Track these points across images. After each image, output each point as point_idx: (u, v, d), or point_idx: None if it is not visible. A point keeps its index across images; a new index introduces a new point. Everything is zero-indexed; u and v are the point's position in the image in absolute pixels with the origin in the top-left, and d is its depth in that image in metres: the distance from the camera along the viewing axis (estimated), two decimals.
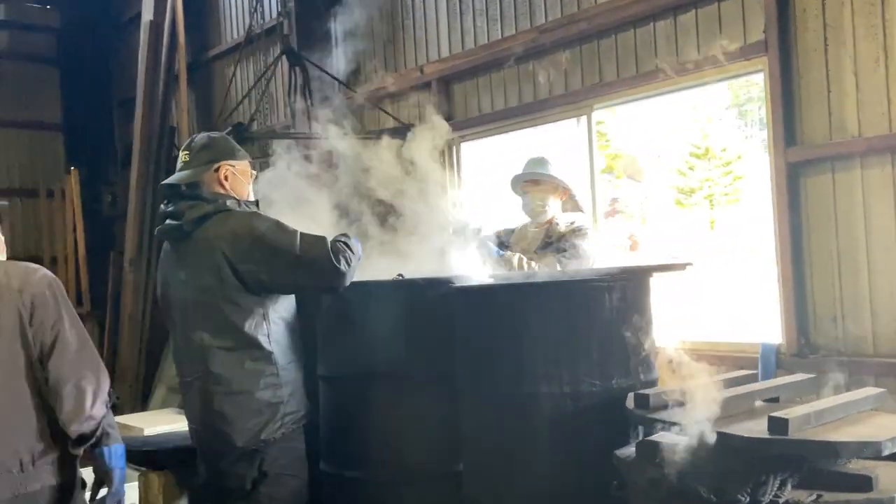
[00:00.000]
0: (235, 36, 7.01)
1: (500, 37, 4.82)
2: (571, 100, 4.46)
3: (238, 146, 2.96)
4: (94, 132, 8.35)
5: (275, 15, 5.84)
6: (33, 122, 8.42)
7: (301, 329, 2.95)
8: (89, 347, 2.27)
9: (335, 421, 3.01)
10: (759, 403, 2.34)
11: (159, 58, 7.09)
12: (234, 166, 2.85)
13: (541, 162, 3.89)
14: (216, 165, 2.81)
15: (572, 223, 3.80)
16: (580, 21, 4.35)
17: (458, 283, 2.85)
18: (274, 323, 2.76)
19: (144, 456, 3.22)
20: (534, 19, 4.64)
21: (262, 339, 2.72)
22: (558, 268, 3.49)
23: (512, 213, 4.09)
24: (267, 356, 2.73)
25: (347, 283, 2.73)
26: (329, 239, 2.73)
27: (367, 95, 5.15)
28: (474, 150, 5.15)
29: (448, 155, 5.19)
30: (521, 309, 2.61)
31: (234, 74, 6.29)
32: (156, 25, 7.05)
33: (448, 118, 5.14)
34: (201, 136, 2.93)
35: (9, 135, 8.32)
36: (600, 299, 2.56)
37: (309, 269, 2.67)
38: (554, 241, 3.70)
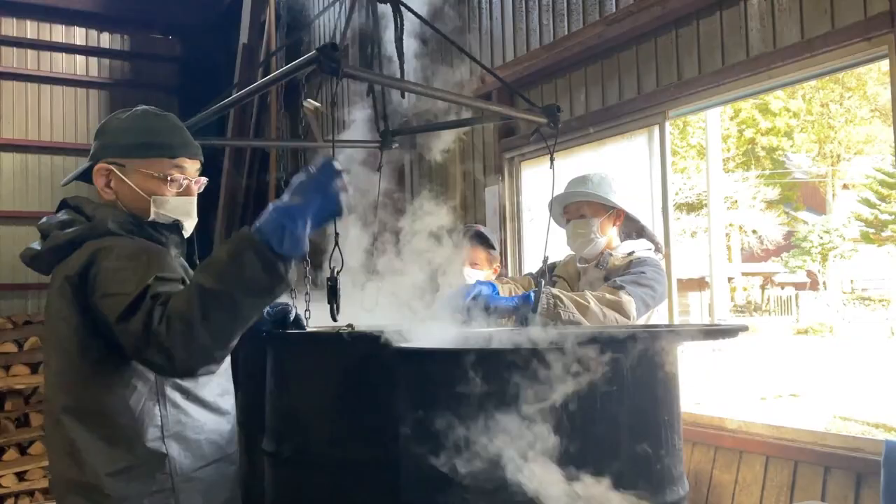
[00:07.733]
0: None
1: (565, 33, 3.97)
2: (642, 104, 3.52)
3: (154, 129, 1.86)
4: (209, 161, 8.36)
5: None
6: None
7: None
8: None
9: None
10: None
11: (253, 79, 6.87)
12: (122, 166, 1.83)
13: (581, 181, 2.97)
14: (95, 164, 1.87)
15: (631, 252, 2.86)
16: (653, 6, 3.41)
17: (400, 343, 2.05)
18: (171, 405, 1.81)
19: None
20: (603, 10, 3.75)
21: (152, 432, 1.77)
22: (617, 298, 2.57)
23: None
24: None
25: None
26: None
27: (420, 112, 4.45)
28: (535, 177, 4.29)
29: (508, 181, 4.38)
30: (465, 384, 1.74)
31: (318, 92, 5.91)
32: (249, 48, 6.86)
33: (507, 135, 4.37)
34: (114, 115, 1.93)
35: None
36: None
37: (129, 342, 1.58)
38: (612, 278, 2.77)
